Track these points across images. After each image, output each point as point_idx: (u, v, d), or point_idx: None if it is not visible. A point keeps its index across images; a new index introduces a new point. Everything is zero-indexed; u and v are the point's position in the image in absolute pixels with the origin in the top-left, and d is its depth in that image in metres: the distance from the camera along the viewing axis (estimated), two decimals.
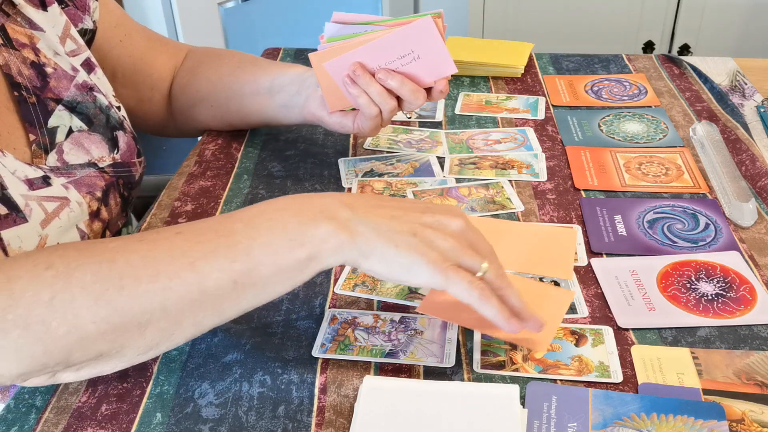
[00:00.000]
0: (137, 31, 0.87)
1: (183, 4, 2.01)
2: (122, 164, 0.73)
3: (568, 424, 0.52)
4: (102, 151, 0.71)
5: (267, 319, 0.64)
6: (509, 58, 1.09)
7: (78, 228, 0.66)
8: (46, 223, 0.62)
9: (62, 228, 0.64)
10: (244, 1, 2.24)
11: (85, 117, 0.70)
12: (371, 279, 0.67)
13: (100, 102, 0.72)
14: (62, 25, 0.72)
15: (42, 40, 0.69)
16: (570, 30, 2.20)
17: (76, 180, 0.67)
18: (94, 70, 0.75)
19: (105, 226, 0.70)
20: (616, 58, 1.14)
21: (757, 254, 0.70)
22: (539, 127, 0.94)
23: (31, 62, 0.68)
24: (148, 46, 0.87)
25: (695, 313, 0.63)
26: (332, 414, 0.54)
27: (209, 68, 0.87)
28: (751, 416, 0.53)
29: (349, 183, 0.83)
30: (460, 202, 0.78)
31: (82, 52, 0.74)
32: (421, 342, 0.60)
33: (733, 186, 0.78)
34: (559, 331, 0.61)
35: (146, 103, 0.89)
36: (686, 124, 0.93)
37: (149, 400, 0.56)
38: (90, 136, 0.70)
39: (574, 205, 0.78)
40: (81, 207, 0.66)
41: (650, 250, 0.70)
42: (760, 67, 1.09)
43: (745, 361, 0.58)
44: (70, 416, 0.55)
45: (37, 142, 0.66)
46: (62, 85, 0.70)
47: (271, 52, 1.20)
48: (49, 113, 0.68)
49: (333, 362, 0.59)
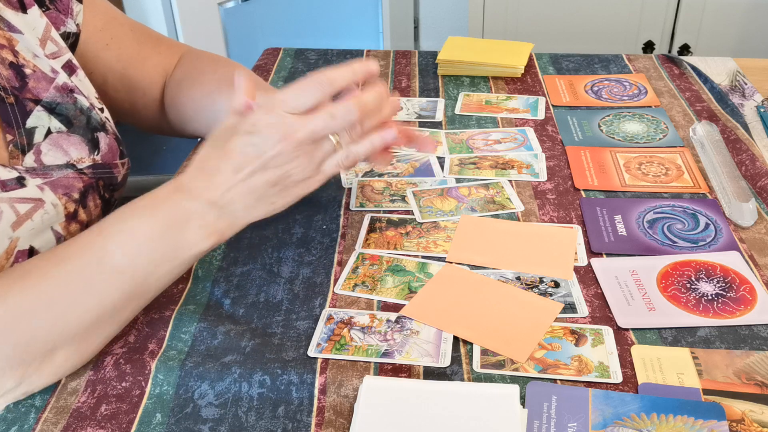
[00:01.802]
0: (128, 33, 0.85)
1: (183, 4, 2.01)
2: (103, 166, 0.72)
3: (568, 424, 0.52)
4: (81, 152, 0.70)
5: (267, 319, 0.64)
6: (509, 58, 1.09)
7: (53, 230, 0.66)
8: (17, 225, 0.62)
9: (35, 230, 0.64)
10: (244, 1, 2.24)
11: (65, 118, 0.70)
12: (371, 279, 0.67)
13: (80, 104, 0.72)
14: (42, 28, 0.72)
15: (21, 42, 0.69)
16: (570, 30, 2.20)
17: (53, 181, 0.66)
18: (75, 72, 0.74)
19: (83, 228, 0.70)
20: (616, 58, 1.14)
21: (757, 254, 0.70)
22: (539, 127, 0.94)
23: (10, 63, 0.67)
24: (137, 50, 0.86)
25: (695, 313, 0.63)
26: (332, 414, 0.54)
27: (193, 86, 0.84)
28: (751, 416, 0.53)
29: (349, 183, 0.83)
30: (460, 202, 0.78)
31: (64, 54, 0.74)
32: (417, 342, 0.60)
33: (733, 186, 0.78)
34: (558, 330, 0.61)
35: (140, 106, 0.88)
36: (686, 124, 0.93)
37: (149, 400, 0.56)
38: (69, 138, 0.70)
39: (574, 205, 0.78)
40: (56, 208, 0.66)
41: (650, 250, 0.70)
42: (760, 67, 1.09)
43: (745, 361, 0.57)
44: (69, 416, 0.55)
45: (14, 143, 0.66)
46: (41, 86, 0.69)
47: (271, 52, 1.20)
48: (28, 114, 0.67)
49: (333, 362, 0.59)
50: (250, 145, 0.59)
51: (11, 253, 0.62)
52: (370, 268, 0.69)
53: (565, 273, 0.68)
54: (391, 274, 0.68)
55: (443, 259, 0.70)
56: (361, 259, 0.70)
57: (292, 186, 0.61)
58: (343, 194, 0.81)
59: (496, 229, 0.74)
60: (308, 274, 0.69)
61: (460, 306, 0.64)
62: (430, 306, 0.64)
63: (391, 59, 1.16)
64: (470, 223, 0.75)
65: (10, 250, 0.62)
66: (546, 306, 0.63)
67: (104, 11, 0.83)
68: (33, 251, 0.64)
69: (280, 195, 0.61)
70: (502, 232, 0.73)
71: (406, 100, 1.02)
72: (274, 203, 0.61)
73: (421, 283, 0.67)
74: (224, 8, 2.17)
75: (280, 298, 0.66)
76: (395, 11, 2.74)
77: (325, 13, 2.54)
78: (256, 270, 0.70)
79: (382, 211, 0.78)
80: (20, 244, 0.63)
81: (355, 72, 0.60)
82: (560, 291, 0.66)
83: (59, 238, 0.66)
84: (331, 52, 1.19)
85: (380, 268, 0.69)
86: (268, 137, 0.58)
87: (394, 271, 0.68)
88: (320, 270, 0.69)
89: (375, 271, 0.69)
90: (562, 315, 0.63)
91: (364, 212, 0.78)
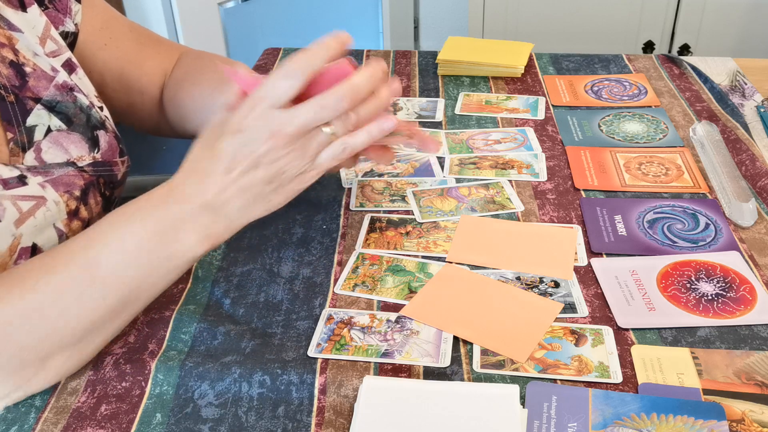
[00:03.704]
0: (126, 33, 0.85)
1: (183, 4, 2.01)
2: (103, 163, 0.72)
3: (568, 424, 0.52)
4: (81, 150, 0.71)
5: (267, 319, 0.64)
6: (509, 58, 1.09)
7: (55, 227, 0.66)
8: (20, 222, 0.62)
9: (38, 227, 0.64)
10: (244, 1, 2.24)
11: (65, 116, 0.70)
12: (371, 279, 0.67)
13: (80, 102, 0.72)
14: (42, 26, 0.72)
15: (21, 41, 0.69)
16: (570, 30, 2.20)
17: (54, 179, 0.67)
18: (75, 70, 0.74)
19: (85, 226, 0.70)
20: (616, 58, 1.14)
21: (757, 254, 0.70)
22: (539, 127, 0.94)
23: (10, 61, 0.68)
24: (136, 50, 0.86)
25: (695, 313, 0.63)
26: (332, 414, 0.54)
27: (193, 84, 0.84)
28: (751, 416, 0.53)
29: (349, 183, 0.83)
30: (460, 202, 0.78)
31: (63, 52, 0.74)
32: (417, 342, 0.60)
33: (733, 186, 0.78)
34: (558, 330, 0.61)
35: (138, 106, 0.88)
36: (686, 124, 0.93)
37: (149, 400, 0.56)
38: (69, 136, 0.70)
39: (574, 205, 0.78)
40: (58, 206, 0.66)
41: (650, 250, 0.70)
42: (760, 67, 1.09)
43: (745, 361, 0.57)
44: (69, 416, 0.55)
45: (14, 140, 0.66)
46: (41, 84, 0.69)
47: (271, 52, 1.20)
48: (28, 112, 0.68)
49: (333, 362, 0.59)
50: (238, 144, 0.57)
51: (14, 250, 0.62)
52: (370, 268, 0.69)
53: (565, 273, 0.68)
54: (391, 274, 0.68)
55: (443, 259, 0.70)
56: (361, 259, 0.70)
57: (288, 182, 0.59)
58: (343, 194, 0.81)
59: (496, 229, 0.74)
60: (308, 274, 0.69)
61: (460, 306, 0.64)
62: (430, 306, 0.64)
63: (391, 59, 1.16)
64: (470, 223, 0.75)
65: (14, 247, 0.62)
66: (546, 306, 0.63)
67: (102, 11, 0.83)
68: (36, 248, 0.64)
69: (277, 192, 0.60)
70: (502, 232, 0.73)
71: (406, 100, 1.02)
72: (270, 201, 0.60)
73: (421, 283, 0.67)
74: (224, 8, 2.17)
75: (280, 298, 0.66)
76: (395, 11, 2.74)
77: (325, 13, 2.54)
78: (256, 270, 0.70)
79: (382, 211, 0.78)
80: (23, 241, 0.63)
81: (329, 47, 0.57)
82: (560, 291, 0.66)
83: (61, 235, 0.66)
84: None
85: (380, 268, 0.69)
86: (255, 135, 0.57)
87: (394, 271, 0.68)
88: (320, 270, 0.69)
89: (375, 271, 0.69)
90: (562, 315, 0.63)
91: (364, 212, 0.78)
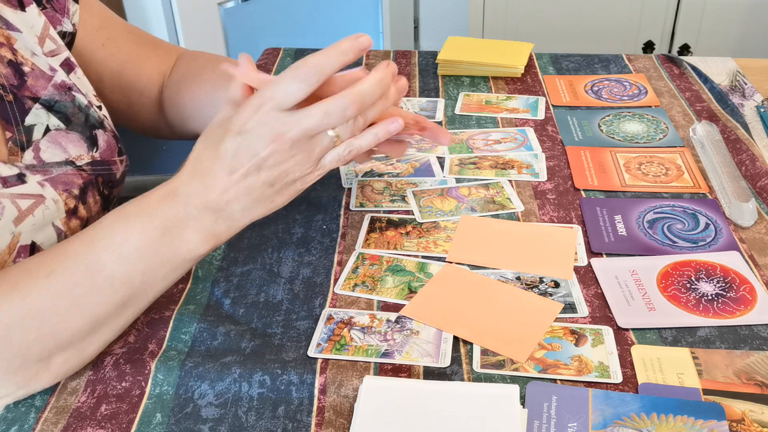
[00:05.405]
0: (124, 34, 0.85)
1: (183, 4, 2.01)
2: (102, 162, 0.72)
3: (568, 424, 0.52)
4: (80, 149, 0.71)
5: (267, 319, 0.64)
6: (509, 58, 1.09)
7: (54, 225, 0.66)
8: (19, 220, 0.62)
9: (36, 225, 0.64)
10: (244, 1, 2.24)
11: (63, 116, 0.70)
12: (371, 279, 0.67)
13: (79, 101, 0.72)
14: (41, 26, 0.72)
15: (19, 41, 0.69)
16: (570, 30, 2.20)
17: (53, 178, 0.67)
18: (74, 70, 0.74)
19: (83, 224, 0.70)
20: (616, 58, 1.14)
21: (757, 254, 0.70)
22: (539, 127, 0.94)
23: (9, 61, 0.68)
24: (134, 50, 0.86)
25: (695, 313, 0.63)
26: (332, 414, 0.54)
27: (192, 84, 0.84)
28: (751, 416, 0.53)
29: (349, 183, 0.83)
30: (460, 202, 0.78)
31: (62, 52, 0.74)
32: (417, 342, 0.60)
33: (733, 186, 0.78)
34: (558, 330, 0.61)
35: (136, 107, 0.88)
36: (686, 124, 0.93)
37: (149, 400, 0.56)
38: (68, 135, 0.70)
39: (574, 205, 0.78)
40: (57, 205, 0.66)
41: (650, 250, 0.70)
42: (760, 67, 1.09)
43: (745, 361, 0.57)
44: (69, 416, 0.55)
45: (13, 140, 0.66)
46: (40, 84, 0.69)
47: (271, 52, 1.20)
48: (26, 111, 0.68)
49: (333, 362, 0.59)
50: (241, 146, 0.57)
51: (14, 248, 0.62)
52: (370, 268, 0.69)
53: (565, 273, 0.68)
54: (391, 274, 0.68)
55: (443, 259, 0.70)
56: (361, 259, 0.70)
57: (291, 183, 0.60)
58: (343, 194, 0.81)
59: (496, 229, 0.74)
60: (308, 274, 0.69)
61: (460, 306, 0.64)
62: (430, 306, 0.64)
63: (391, 59, 1.16)
64: (470, 223, 0.75)
65: (13, 245, 0.62)
66: (546, 306, 0.63)
67: (100, 12, 0.83)
68: (35, 246, 0.64)
69: (279, 193, 0.60)
70: (502, 232, 0.73)
71: (406, 100, 1.02)
72: (273, 201, 0.60)
73: (421, 283, 0.67)
74: (224, 8, 2.17)
75: (280, 298, 0.66)
76: (395, 11, 2.74)
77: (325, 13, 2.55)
78: (256, 270, 0.70)
79: (382, 211, 0.78)
80: (22, 240, 0.63)
81: (345, 52, 0.56)
82: (560, 291, 0.66)
83: (60, 234, 0.67)
84: None
85: (380, 268, 0.69)
86: (258, 137, 0.56)
87: (394, 271, 0.68)
88: (320, 270, 0.69)
89: (375, 271, 0.69)
90: (562, 315, 0.63)
91: (364, 212, 0.78)
